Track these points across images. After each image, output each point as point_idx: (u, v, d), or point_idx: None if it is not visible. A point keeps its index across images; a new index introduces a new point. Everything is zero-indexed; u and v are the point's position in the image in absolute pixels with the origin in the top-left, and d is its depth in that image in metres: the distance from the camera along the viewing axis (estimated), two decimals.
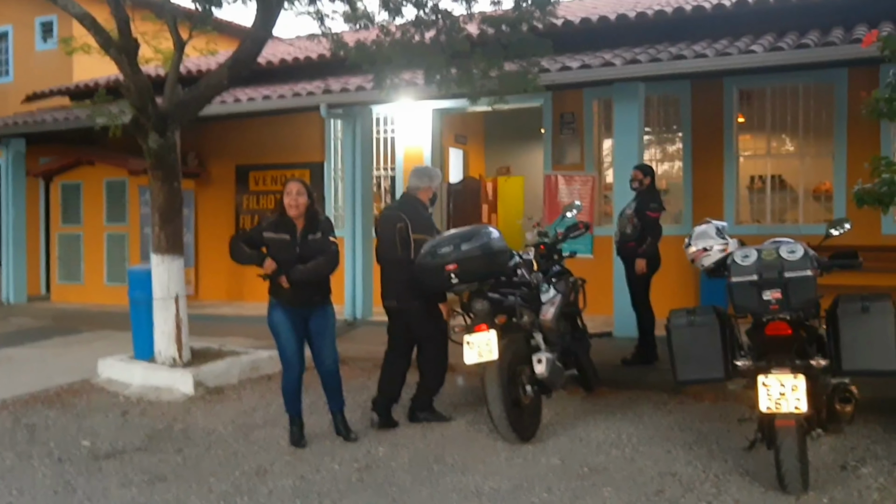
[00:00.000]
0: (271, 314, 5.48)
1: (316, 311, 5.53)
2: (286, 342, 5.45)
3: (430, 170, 6.33)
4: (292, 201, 5.37)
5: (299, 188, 5.42)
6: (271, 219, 5.48)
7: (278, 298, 5.45)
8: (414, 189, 6.09)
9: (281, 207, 5.43)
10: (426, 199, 6.05)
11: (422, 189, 6.07)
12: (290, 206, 5.37)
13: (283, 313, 5.43)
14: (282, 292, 5.40)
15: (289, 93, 10.15)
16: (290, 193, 5.38)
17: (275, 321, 5.46)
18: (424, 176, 6.12)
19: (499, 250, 5.26)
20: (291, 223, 5.39)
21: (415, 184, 6.09)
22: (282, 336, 5.46)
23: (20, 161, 13.38)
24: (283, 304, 5.43)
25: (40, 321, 11.42)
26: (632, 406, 6.37)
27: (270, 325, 5.50)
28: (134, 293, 7.59)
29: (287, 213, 5.39)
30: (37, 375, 7.71)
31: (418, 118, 11.45)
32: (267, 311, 5.53)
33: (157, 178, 7.24)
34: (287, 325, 5.43)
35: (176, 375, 6.98)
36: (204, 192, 13.20)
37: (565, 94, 10.23)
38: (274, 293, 5.47)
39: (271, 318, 5.48)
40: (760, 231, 9.04)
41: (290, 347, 5.46)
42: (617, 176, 8.60)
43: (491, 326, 5.23)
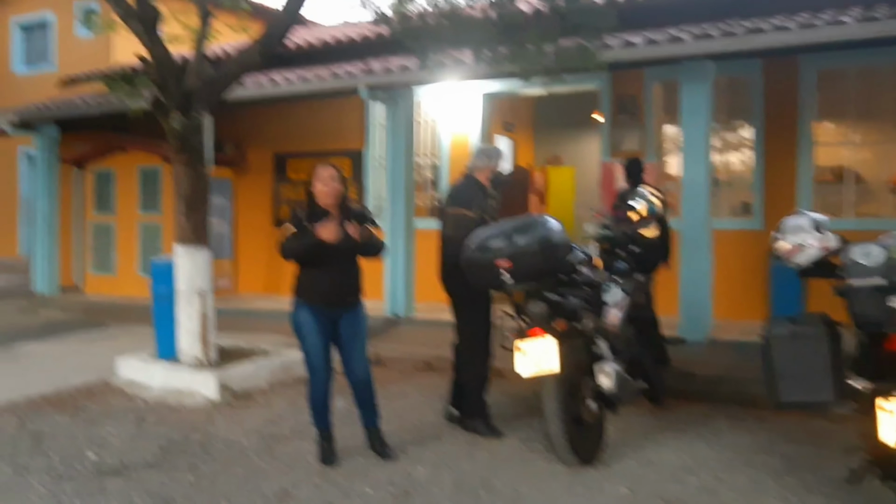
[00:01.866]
0: (297, 315, 4.86)
1: (347, 314, 4.89)
2: (313, 347, 4.82)
3: (488, 148, 5.80)
4: (326, 188, 4.77)
5: (332, 173, 4.81)
6: (301, 210, 4.83)
7: (306, 298, 4.82)
8: (472, 169, 5.60)
9: (311, 196, 4.81)
10: (484, 179, 5.51)
11: (479, 169, 5.54)
12: (323, 194, 4.77)
13: (310, 314, 4.80)
14: (311, 291, 4.79)
15: (328, 74, 9.50)
16: (322, 179, 4.78)
17: (300, 323, 4.84)
18: (482, 155, 5.63)
19: (559, 244, 4.54)
20: (325, 213, 4.75)
21: (472, 163, 5.63)
22: (308, 340, 4.83)
23: (53, 148, 12.97)
24: (310, 305, 4.80)
25: (68, 314, 10.99)
26: (705, 422, 5.62)
27: (295, 326, 4.87)
28: (157, 287, 7.02)
29: (319, 201, 4.77)
30: (53, 374, 7.20)
31: (465, 102, 10.74)
32: (292, 310, 4.90)
33: (180, 161, 6.65)
34: (314, 327, 4.80)
35: (199, 378, 6.39)
36: (242, 181, 12.67)
37: (625, 75, 9.43)
38: (301, 291, 4.85)
39: (296, 318, 4.86)
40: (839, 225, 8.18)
41: (317, 353, 4.83)
42: (685, 164, 7.80)
43: (548, 332, 4.52)
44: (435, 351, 7.77)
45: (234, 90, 10.05)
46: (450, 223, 5.39)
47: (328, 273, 4.77)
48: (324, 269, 4.75)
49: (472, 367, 5.40)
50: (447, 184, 10.91)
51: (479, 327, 5.33)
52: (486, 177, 5.55)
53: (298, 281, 4.87)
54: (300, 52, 11.36)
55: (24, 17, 18.30)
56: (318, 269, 4.74)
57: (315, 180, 4.80)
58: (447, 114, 10.94)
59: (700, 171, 7.65)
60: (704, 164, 7.66)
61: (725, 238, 8.53)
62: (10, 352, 8.34)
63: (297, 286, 4.88)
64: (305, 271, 4.82)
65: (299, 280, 4.86)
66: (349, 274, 4.89)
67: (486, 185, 5.53)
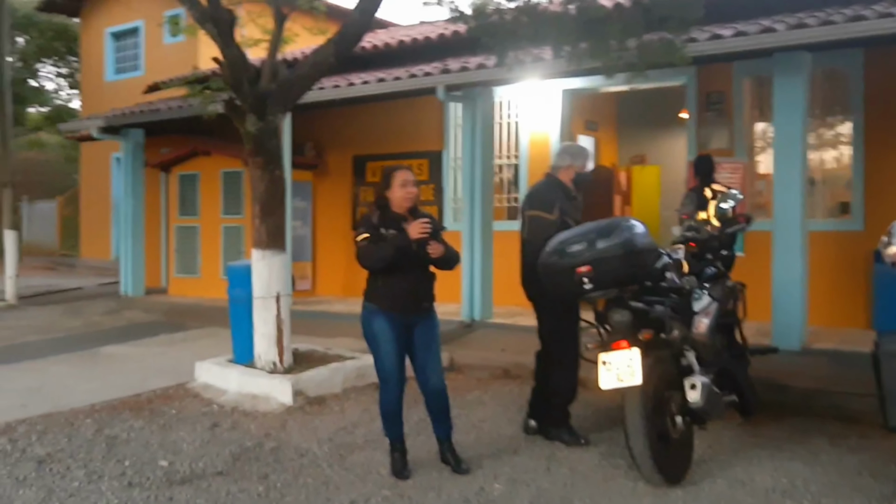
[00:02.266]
0: (370, 322, 4.66)
1: (422, 320, 4.70)
2: (387, 355, 4.63)
3: (572, 147, 5.56)
4: (407, 194, 4.60)
5: (410, 177, 4.66)
6: (374, 215, 4.64)
7: (380, 304, 4.62)
8: (555, 169, 5.39)
9: (384, 201, 4.63)
10: (567, 179, 5.30)
11: (562, 168, 5.34)
12: (400, 200, 4.61)
13: (385, 321, 4.61)
14: (386, 296, 4.59)
15: (404, 74, 9.38)
16: (404, 185, 4.60)
17: (375, 330, 4.64)
18: (565, 154, 5.41)
19: (644, 248, 4.25)
20: (400, 219, 4.58)
21: (555, 163, 5.42)
22: (382, 348, 4.64)
23: (139, 152, 13.27)
24: (385, 311, 4.61)
25: (152, 315, 11.16)
26: (802, 439, 5.24)
27: (368, 334, 4.69)
28: (233, 291, 7.00)
29: (394, 207, 4.60)
30: (133, 377, 7.25)
31: (545, 101, 10.47)
32: (363, 317, 4.72)
33: (257, 165, 6.61)
34: (389, 335, 4.61)
35: (274, 383, 6.33)
36: (321, 183, 12.71)
37: (712, 70, 9.03)
38: (374, 297, 4.66)
39: (370, 326, 4.66)
40: None
41: (391, 361, 4.64)
42: (778, 162, 7.36)
43: (633, 343, 4.24)
44: (513, 357, 7.55)
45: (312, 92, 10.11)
46: (528, 226, 5.16)
47: (405, 278, 4.57)
48: (400, 275, 4.55)
49: (558, 376, 5.16)
50: (526, 185, 10.68)
51: (565, 335, 5.08)
52: (569, 177, 5.33)
53: (371, 286, 4.67)
54: (377, 53, 11.29)
55: (117, 26, 18.91)
56: (394, 275, 4.55)
57: (391, 184, 4.60)
58: (527, 113, 10.70)
59: (794, 170, 7.20)
60: (799, 162, 7.21)
61: (821, 240, 8.04)
62: (93, 354, 8.48)
63: (369, 292, 4.68)
64: (380, 276, 4.60)
65: (373, 285, 4.66)
66: (425, 279, 4.70)
67: (568, 185, 5.30)
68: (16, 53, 27.15)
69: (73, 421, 5.86)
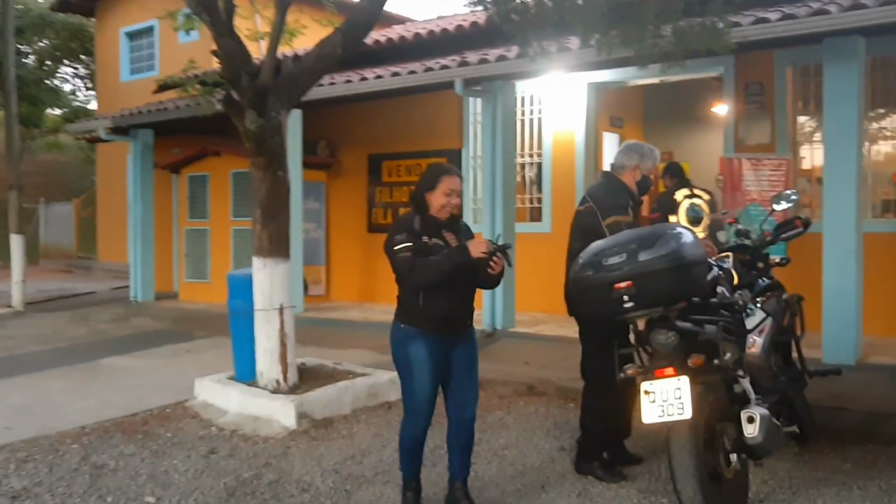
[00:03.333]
0: (406, 346, 3.99)
1: (462, 340, 4.11)
2: (422, 385, 3.99)
3: (640, 145, 4.88)
4: (449, 203, 4.01)
5: (460, 186, 4.06)
6: (413, 220, 3.99)
7: (420, 326, 3.96)
8: (617, 168, 4.76)
9: (423, 202, 4.02)
10: (632, 182, 4.70)
11: (627, 169, 4.72)
12: (443, 209, 4.01)
13: (424, 346, 3.95)
14: (427, 318, 3.94)
15: (420, 68, 8.81)
16: (450, 194, 3.98)
17: (411, 356, 3.97)
18: (632, 152, 4.76)
19: (694, 261, 3.63)
20: (440, 226, 4.02)
21: (619, 161, 4.76)
22: (417, 377, 3.98)
23: (148, 153, 12.82)
24: (426, 333, 3.96)
25: (160, 323, 10.69)
26: (871, 471, 4.61)
27: (401, 360, 4.03)
28: (234, 302, 6.46)
29: (432, 211, 4.01)
30: (131, 394, 6.75)
31: (569, 96, 9.88)
32: (395, 339, 4.05)
33: (257, 165, 6.08)
34: (428, 362, 3.96)
35: (276, 404, 5.78)
36: (335, 184, 12.18)
37: (751, 59, 8.39)
38: (413, 318, 3.98)
39: (405, 351, 3.99)
40: None
41: (426, 392, 4.00)
42: (829, 157, 6.73)
43: (680, 370, 3.65)
44: (538, 372, 6.98)
45: (322, 87, 9.59)
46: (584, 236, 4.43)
47: (450, 295, 3.95)
48: (445, 291, 3.92)
49: (590, 404, 4.57)
50: (550, 184, 10.09)
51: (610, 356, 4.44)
52: (634, 179, 4.72)
53: (409, 305, 3.99)
54: (392, 47, 10.73)
55: (131, 26, 18.52)
56: (439, 291, 3.90)
57: (436, 187, 3.97)
58: (550, 109, 10.10)
59: (848, 166, 6.57)
60: (853, 158, 6.57)
61: (877, 242, 7.38)
62: (93, 367, 7.99)
63: (406, 311, 4.01)
64: (421, 293, 3.94)
65: (411, 304, 3.97)
66: (469, 293, 4.09)
67: (633, 189, 4.70)
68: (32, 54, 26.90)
69: (58, 447, 5.35)
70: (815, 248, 6.79)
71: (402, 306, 4.06)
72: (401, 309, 4.06)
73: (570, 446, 5.17)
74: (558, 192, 10.01)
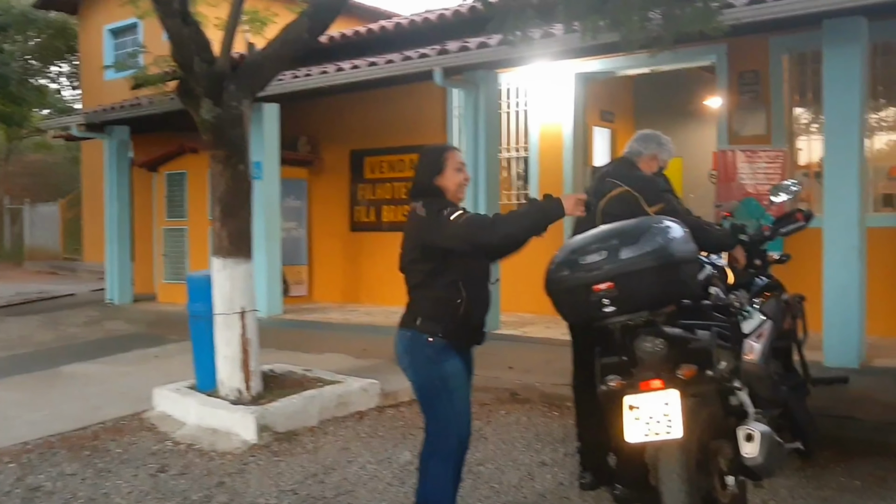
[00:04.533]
0: (443, 363, 3.39)
1: (471, 353, 3.64)
2: (464, 401, 3.47)
3: (659, 135, 4.54)
4: (465, 179, 3.56)
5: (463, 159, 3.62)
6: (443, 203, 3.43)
7: (455, 336, 3.42)
8: (633, 154, 4.41)
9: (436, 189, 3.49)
10: (647, 170, 4.36)
11: (644, 157, 4.38)
12: (461, 187, 3.54)
13: (458, 360, 3.44)
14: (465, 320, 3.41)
15: (398, 57, 8.39)
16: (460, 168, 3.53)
17: (449, 372, 3.40)
18: (651, 141, 4.44)
19: (684, 258, 3.19)
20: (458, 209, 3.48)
21: (635, 148, 4.42)
22: (459, 392, 3.44)
23: (124, 150, 12.40)
24: (455, 345, 3.43)
25: (133, 326, 10.25)
26: (882, 489, 4.20)
27: (439, 379, 3.40)
28: (193, 305, 6.03)
29: (450, 197, 3.49)
30: (87, 404, 6.31)
31: (556, 88, 9.46)
32: (423, 357, 3.42)
33: (217, 159, 5.65)
34: (464, 377, 3.48)
35: (236, 416, 5.35)
36: (317, 181, 11.75)
37: (745, 46, 7.98)
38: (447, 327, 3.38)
39: (443, 368, 3.39)
40: None
41: (468, 409, 3.50)
42: (829, 148, 6.31)
43: (669, 382, 3.22)
44: (521, 377, 6.56)
45: (298, 79, 9.17)
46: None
47: (484, 296, 3.52)
48: (482, 283, 3.47)
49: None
50: (537, 179, 9.67)
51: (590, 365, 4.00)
52: (650, 169, 4.38)
53: (439, 309, 3.39)
54: (372, 38, 10.32)
55: (115, 23, 18.07)
56: (472, 286, 3.41)
57: (444, 167, 3.48)
58: (536, 101, 9.68)
59: (850, 158, 6.16)
60: (856, 148, 6.16)
61: (880, 237, 6.98)
62: (53, 375, 7.54)
63: (435, 317, 3.40)
64: (462, 287, 3.36)
65: (442, 307, 3.38)
66: (491, 296, 3.64)
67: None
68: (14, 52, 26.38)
69: None
70: (814, 243, 6.38)
71: (433, 315, 3.40)
72: (428, 318, 3.41)
73: (551, 461, 4.78)
74: (545, 188, 9.56)
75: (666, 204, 3.97)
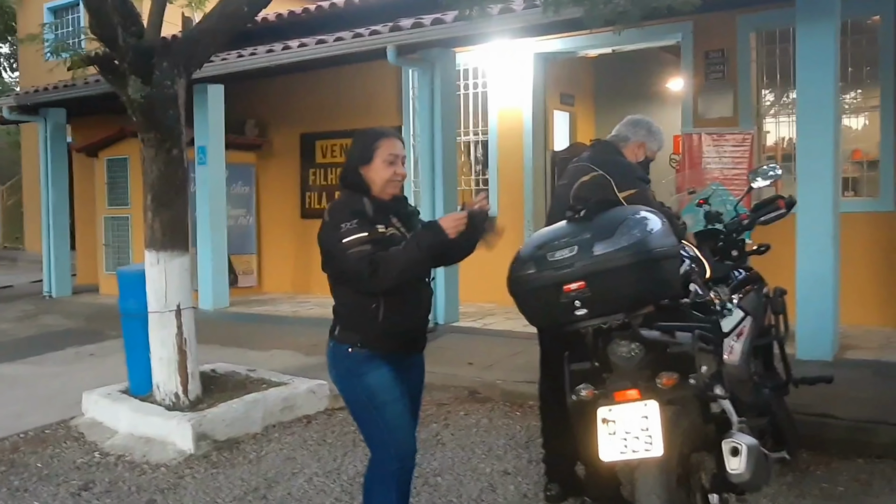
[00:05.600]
0: (363, 377, 2.97)
1: (415, 359, 3.22)
2: (399, 417, 3.00)
3: (649, 121, 4.12)
4: (395, 176, 3.04)
5: (403, 150, 3.10)
6: (362, 201, 2.98)
7: (380, 345, 2.98)
8: (619, 139, 4.01)
9: (360, 181, 3.04)
10: (633, 158, 3.96)
11: (630, 143, 3.98)
12: (388, 184, 3.03)
13: (388, 371, 2.99)
14: (388, 332, 2.97)
15: (348, 35, 7.92)
16: (392, 161, 3.02)
17: (375, 386, 2.97)
18: (640, 127, 4.04)
19: (664, 254, 2.80)
20: (387, 209, 3.03)
21: (622, 133, 4.02)
22: (390, 407, 2.98)
23: (59, 134, 11.73)
24: (386, 354, 3.01)
25: (70, 321, 9.69)
26: (867, 496, 3.93)
27: (363, 393, 3.00)
28: (125, 302, 5.54)
29: (379, 191, 3.03)
30: (7, 411, 5.80)
31: (515, 69, 9.08)
32: (343, 369, 3.04)
33: (148, 143, 5.17)
34: (396, 388, 3.00)
35: (172, 423, 4.90)
36: (266, 166, 11.24)
37: (712, 25, 7.68)
38: (368, 335, 2.98)
39: (363, 383, 2.98)
40: None
41: (406, 421, 3.05)
42: (802, 130, 6.03)
43: (646, 392, 2.86)
44: (482, 373, 6.20)
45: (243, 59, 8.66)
46: None
47: (414, 297, 3.03)
48: (409, 292, 2.99)
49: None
50: (497, 164, 9.29)
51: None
52: (635, 156, 3.99)
53: (356, 317, 2.99)
54: (322, 16, 9.78)
55: (55, 2, 17.20)
56: (402, 293, 2.96)
57: (373, 157, 3.00)
58: (495, 82, 9.29)
59: (825, 141, 5.86)
60: (830, 129, 5.86)
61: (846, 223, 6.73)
62: None
63: (354, 326, 3.00)
64: (381, 299, 2.94)
65: (359, 315, 2.97)
66: (428, 295, 3.18)
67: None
68: None
69: None
70: (785, 230, 6.08)
71: (349, 322, 3.02)
72: (346, 326, 3.03)
73: (514, 469, 4.43)
74: (505, 173, 9.23)
75: (638, 191, 3.60)
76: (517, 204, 9.05)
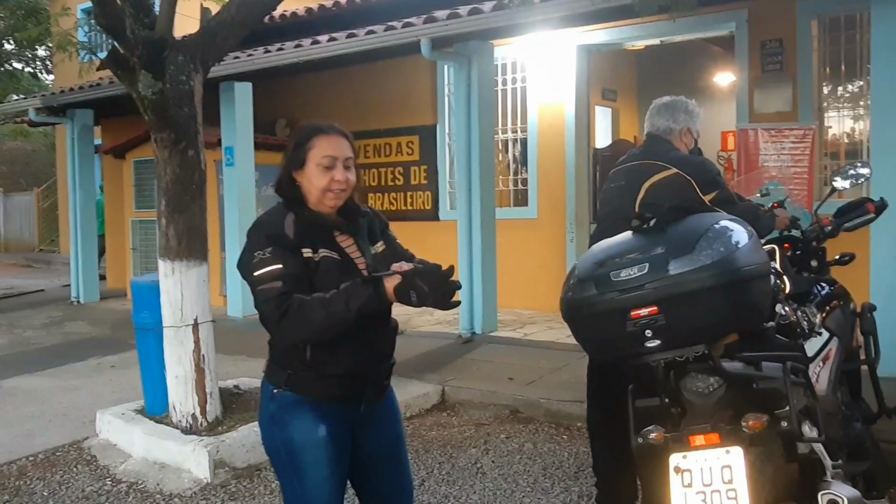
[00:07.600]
0: (288, 425, 2.38)
1: (379, 408, 2.54)
2: (318, 486, 2.39)
3: (684, 101, 3.65)
4: (333, 185, 2.40)
5: (348, 150, 2.48)
6: (285, 222, 2.38)
7: (308, 389, 2.39)
8: (664, 132, 3.53)
9: (294, 194, 2.45)
10: (684, 149, 3.53)
11: (676, 132, 3.52)
12: (328, 193, 2.41)
13: (317, 423, 2.39)
14: (320, 375, 2.38)
15: (380, 28, 7.50)
16: (329, 166, 2.39)
17: (299, 441, 2.38)
18: (678, 112, 3.57)
19: (754, 273, 2.30)
20: (328, 226, 2.44)
21: (664, 124, 3.55)
22: (311, 473, 2.39)
23: (86, 136, 11.47)
24: (319, 401, 2.40)
25: (95, 329, 9.41)
26: None
27: (284, 447, 2.40)
28: (139, 315, 5.16)
29: (315, 203, 2.44)
30: (20, 430, 5.47)
31: (557, 62, 8.61)
32: (267, 414, 2.44)
33: (161, 144, 4.78)
34: (328, 448, 2.40)
35: (188, 448, 4.50)
36: None
37: (769, 12, 7.16)
38: (295, 378, 2.39)
39: (287, 433, 2.38)
40: None
41: (326, 498, 2.41)
42: (876, 122, 5.48)
43: (728, 436, 2.38)
44: (524, 391, 5.73)
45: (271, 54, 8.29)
46: None
47: (354, 332, 2.32)
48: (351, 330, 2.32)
49: None
50: (536, 163, 8.83)
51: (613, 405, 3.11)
52: (687, 145, 3.56)
53: (285, 352, 2.41)
54: (354, 10, 9.41)
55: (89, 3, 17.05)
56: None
57: (305, 160, 2.41)
58: (535, 77, 8.82)
59: None
60: None
61: None
62: None
63: (281, 362, 2.42)
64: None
65: (287, 351, 2.40)
66: (388, 332, 2.53)
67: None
68: None
69: None
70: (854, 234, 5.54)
71: (275, 357, 2.46)
72: (273, 361, 2.47)
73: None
74: (545, 173, 8.76)
75: (720, 191, 3.12)
76: (559, 206, 8.58)
